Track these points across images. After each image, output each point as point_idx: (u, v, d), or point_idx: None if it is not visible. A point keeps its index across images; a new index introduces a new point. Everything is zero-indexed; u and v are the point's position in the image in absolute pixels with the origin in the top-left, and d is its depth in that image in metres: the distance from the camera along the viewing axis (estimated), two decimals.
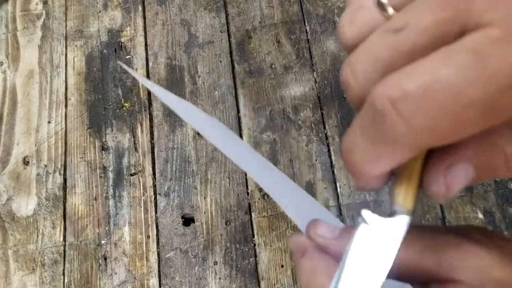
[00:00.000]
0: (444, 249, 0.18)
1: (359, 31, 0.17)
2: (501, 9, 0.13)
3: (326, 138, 0.58)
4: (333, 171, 0.57)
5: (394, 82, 0.14)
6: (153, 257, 0.55)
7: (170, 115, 0.62)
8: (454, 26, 0.14)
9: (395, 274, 0.19)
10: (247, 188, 0.57)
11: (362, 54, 0.16)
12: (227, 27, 0.66)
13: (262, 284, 0.53)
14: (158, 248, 0.55)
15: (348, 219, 0.55)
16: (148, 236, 0.56)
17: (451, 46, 0.13)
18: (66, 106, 0.63)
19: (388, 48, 0.15)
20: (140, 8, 0.68)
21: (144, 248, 0.55)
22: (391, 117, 0.14)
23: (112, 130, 0.61)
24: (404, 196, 0.18)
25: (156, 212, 0.57)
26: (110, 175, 0.59)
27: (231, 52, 0.64)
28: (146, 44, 0.66)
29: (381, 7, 0.16)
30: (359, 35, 0.17)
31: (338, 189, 0.56)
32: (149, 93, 0.63)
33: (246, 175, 0.58)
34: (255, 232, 0.55)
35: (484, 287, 0.17)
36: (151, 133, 0.61)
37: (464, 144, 0.16)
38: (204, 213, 0.56)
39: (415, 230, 0.19)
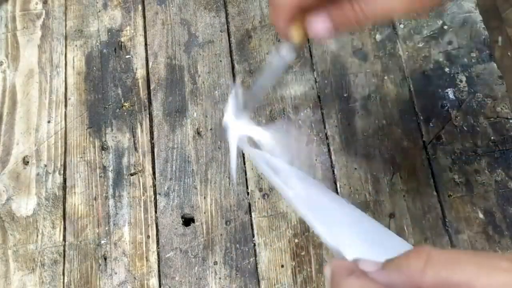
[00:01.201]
0: (498, 272, 0.20)
1: None
2: None
3: (326, 138, 0.58)
4: (333, 171, 0.57)
5: None
6: (153, 257, 0.55)
7: (170, 115, 0.62)
8: None
9: None
10: (247, 188, 0.57)
11: None
12: (227, 26, 0.66)
13: (262, 284, 0.53)
14: (158, 248, 0.55)
15: None
16: (148, 236, 0.56)
17: None
18: (65, 105, 0.63)
19: None
20: (140, 7, 0.68)
21: (144, 248, 0.55)
22: None
23: (112, 130, 0.61)
24: (294, 32, 0.30)
25: (156, 212, 0.57)
26: (110, 175, 0.59)
27: (231, 51, 0.64)
28: (146, 44, 0.66)
29: None
30: None
31: (339, 189, 0.56)
32: (149, 92, 0.63)
33: (246, 174, 0.58)
34: (255, 232, 0.55)
35: None
36: (151, 132, 0.61)
37: (323, 8, 0.29)
38: (204, 213, 0.56)
39: (471, 254, 0.21)
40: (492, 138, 0.56)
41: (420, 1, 0.27)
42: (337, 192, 0.56)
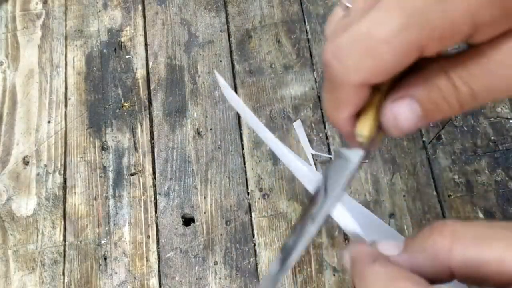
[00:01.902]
0: None
1: (332, 28, 0.22)
2: None
3: (326, 138, 0.58)
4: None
5: (334, 40, 0.19)
6: (153, 257, 0.55)
7: (170, 115, 0.62)
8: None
9: (475, 276, 0.19)
10: (247, 188, 0.57)
11: (328, 26, 0.22)
12: (227, 26, 0.66)
13: None
14: (158, 248, 0.55)
15: None
16: (148, 236, 0.56)
17: (373, 8, 0.18)
18: (66, 106, 0.63)
19: (339, 23, 0.20)
20: (140, 7, 0.68)
21: (144, 248, 0.55)
22: (332, 64, 0.19)
23: (112, 130, 0.61)
24: (361, 125, 0.21)
25: (156, 212, 0.57)
26: (110, 175, 0.59)
27: (231, 51, 0.64)
28: (146, 44, 0.66)
29: (346, 9, 0.21)
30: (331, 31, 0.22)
31: None
32: (149, 92, 0.63)
33: (246, 174, 0.58)
34: (255, 232, 0.55)
35: None
36: (151, 132, 0.61)
37: (407, 83, 0.20)
38: (204, 213, 0.56)
39: (499, 227, 0.19)
40: (492, 138, 0.56)
41: None
42: None
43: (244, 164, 0.58)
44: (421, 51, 0.18)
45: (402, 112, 0.19)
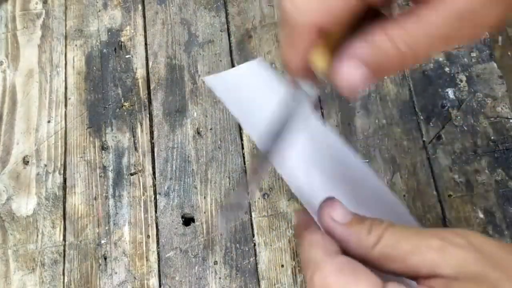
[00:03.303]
0: (429, 250, 0.23)
1: None
2: None
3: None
4: None
5: None
6: (153, 257, 0.55)
7: (170, 115, 0.61)
8: None
9: (389, 269, 0.24)
10: (247, 187, 0.57)
11: None
12: (227, 26, 0.66)
13: (262, 284, 0.53)
14: (158, 248, 0.55)
15: None
16: (148, 236, 0.56)
17: None
18: (65, 105, 0.63)
19: None
20: (140, 7, 0.68)
21: (144, 248, 0.55)
22: (285, 5, 0.22)
23: (112, 130, 0.61)
24: (316, 58, 0.23)
25: (156, 211, 0.57)
26: (110, 174, 0.59)
27: (231, 51, 0.64)
28: (146, 44, 0.66)
29: None
30: None
31: None
32: (149, 92, 0.63)
33: (246, 174, 0.58)
34: (255, 231, 0.55)
35: (458, 276, 0.22)
36: (151, 132, 0.61)
37: (354, 43, 0.21)
38: (204, 212, 0.56)
39: (410, 231, 0.24)
40: (492, 137, 0.56)
41: (481, 22, 0.20)
42: None
43: (244, 164, 0.58)
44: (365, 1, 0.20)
45: (352, 74, 0.21)
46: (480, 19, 0.20)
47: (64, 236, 0.56)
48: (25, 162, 0.60)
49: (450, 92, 0.59)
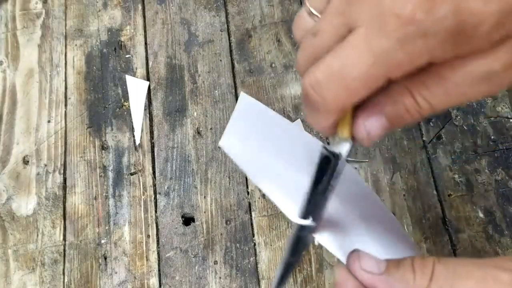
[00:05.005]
0: (498, 285, 0.21)
1: (300, 35, 0.25)
2: (365, 14, 0.20)
3: (326, 138, 0.58)
4: None
5: (311, 73, 0.22)
6: (153, 257, 0.55)
7: (170, 114, 0.61)
8: (345, 28, 0.21)
9: None
10: (247, 187, 0.57)
11: (299, 52, 0.24)
12: (227, 26, 0.66)
13: (262, 283, 0.53)
14: (158, 248, 0.55)
15: None
16: (148, 236, 0.56)
17: (341, 43, 0.21)
18: (65, 105, 0.63)
19: (311, 47, 0.23)
20: (140, 7, 0.68)
21: (144, 248, 0.55)
22: (312, 95, 0.22)
23: (112, 129, 0.61)
24: (341, 130, 0.24)
25: (156, 211, 0.57)
26: (110, 174, 0.59)
27: (231, 51, 0.64)
28: (146, 43, 0.66)
29: (311, 14, 0.24)
30: (300, 38, 0.25)
31: None
32: (149, 92, 0.63)
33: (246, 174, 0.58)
34: (255, 231, 0.55)
35: None
36: (151, 132, 0.61)
37: (377, 101, 0.23)
38: (204, 212, 0.56)
39: (464, 263, 0.23)
40: (492, 137, 0.56)
41: (499, 83, 0.21)
42: None
43: None
44: (388, 79, 0.21)
45: (373, 127, 0.23)
46: (499, 80, 0.21)
47: (64, 235, 0.56)
48: (25, 162, 0.60)
49: None
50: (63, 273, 0.55)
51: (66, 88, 0.64)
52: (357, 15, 0.20)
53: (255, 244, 0.55)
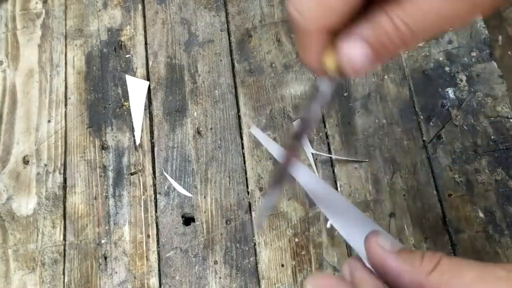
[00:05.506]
0: (498, 280, 0.22)
1: None
2: None
3: (327, 137, 0.58)
4: (333, 170, 0.57)
5: None
6: (153, 257, 0.55)
7: (170, 114, 0.61)
8: None
9: None
10: (247, 187, 0.57)
11: None
12: (227, 26, 0.66)
13: (263, 283, 0.53)
14: (158, 248, 0.55)
15: None
16: (148, 236, 0.56)
17: None
18: (66, 105, 0.63)
19: None
20: (140, 7, 0.68)
21: (144, 248, 0.55)
22: (294, 14, 0.22)
23: (112, 129, 0.61)
24: (326, 60, 0.24)
25: (156, 211, 0.57)
26: (110, 174, 0.59)
27: (231, 51, 0.64)
28: (146, 43, 0.66)
29: None
30: None
31: (339, 188, 0.56)
32: (149, 92, 0.63)
33: (246, 174, 0.58)
34: (255, 231, 0.55)
35: None
36: (151, 132, 0.61)
37: (356, 24, 0.22)
38: (204, 212, 0.56)
39: (468, 261, 0.24)
40: (492, 137, 0.56)
41: (482, 4, 0.20)
42: (337, 191, 0.56)
43: (244, 163, 0.58)
44: None
45: (355, 53, 0.22)
46: None
47: (64, 235, 0.56)
48: (25, 161, 0.60)
49: (450, 92, 0.59)
50: (63, 273, 0.55)
51: (66, 88, 0.64)
52: None
53: (255, 244, 0.55)
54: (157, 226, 0.56)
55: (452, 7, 0.20)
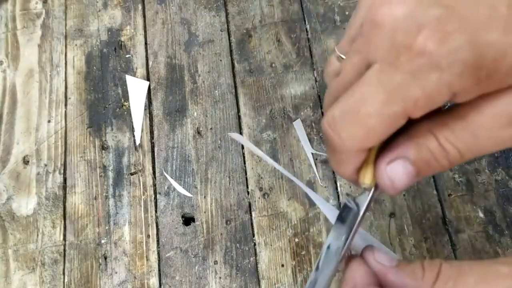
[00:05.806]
0: (499, 277, 0.22)
1: (329, 78, 0.25)
2: (380, 49, 0.19)
3: None
4: (333, 171, 0.57)
5: (329, 111, 0.21)
6: (153, 257, 0.55)
7: (170, 114, 0.61)
8: (364, 65, 0.20)
9: None
10: (247, 187, 0.57)
11: (326, 93, 0.24)
12: (227, 26, 0.66)
13: (263, 283, 0.53)
14: (158, 248, 0.55)
15: None
16: (148, 236, 0.56)
17: (358, 81, 0.20)
18: (66, 105, 0.63)
19: (334, 87, 0.23)
20: (140, 7, 0.68)
21: (144, 248, 0.55)
22: (328, 133, 0.21)
23: (112, 129, 0.61)
24: (363, 177, 0.23)
25: (156, 211, 0.57)
26: (110, 174, 0.59)
27: (231, 51, 0.64)
28: (146, 43, 0.66)
29: (339, 58, 0.24)
30: (329, 81, 0.25)
31: (339, 188, 0.56)
32: (149, 92, 0.63)
33: (246, 174, 0.58)
34: (255, 231, 0.55)
35: None
36: (151, 132, 0.61)
37: (399, 144, 0.22)
38: (204, 212, 0.56)
39: (468, 263, 0.23)
40: None
41: None
42: (337, 191, 0.56)
43: (244, 163, 0.58)
44: (407, 117, 0.20)
45: (397, 174, 0.21)
46: None
47: (64, 235, 0.57)
48: (25, 161, 0.60)
49: None
50: (63, 273, 0.55)
51: (66, 88, 0.64)
52: (374, 51, 0.20)
53: (255, 244, 0.55)
54: (157, 226, 0.56)
55: (509, 134, 0.19)
